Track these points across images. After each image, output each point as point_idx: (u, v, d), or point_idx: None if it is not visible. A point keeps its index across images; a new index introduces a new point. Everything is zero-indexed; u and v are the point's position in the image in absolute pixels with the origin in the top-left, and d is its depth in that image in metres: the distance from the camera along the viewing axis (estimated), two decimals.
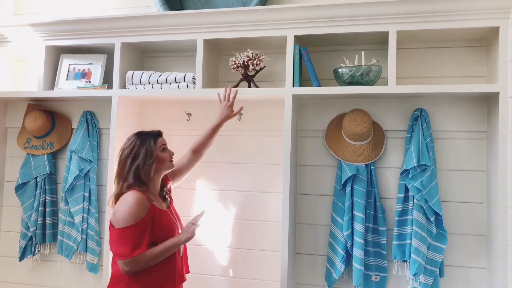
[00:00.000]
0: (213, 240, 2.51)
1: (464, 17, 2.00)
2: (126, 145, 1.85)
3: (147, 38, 2.38)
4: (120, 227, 1.70)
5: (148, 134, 1.88)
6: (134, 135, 1.88)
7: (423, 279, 2.07)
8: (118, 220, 1.71)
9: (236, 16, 2.22)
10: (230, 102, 2.12)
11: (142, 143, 1.83)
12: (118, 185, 1.82)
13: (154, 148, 1.83)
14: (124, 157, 1.82)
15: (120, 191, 1.80)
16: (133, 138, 1.86)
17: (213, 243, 2.50)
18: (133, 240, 1.69)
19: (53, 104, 2.73)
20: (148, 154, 1.81)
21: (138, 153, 1.81)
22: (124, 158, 1.82)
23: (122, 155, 1.83)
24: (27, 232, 2.63)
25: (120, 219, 1.70)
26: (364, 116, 2.18)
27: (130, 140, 1.85)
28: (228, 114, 2.11)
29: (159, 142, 1.87)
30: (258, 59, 2.26)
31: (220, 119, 2.10)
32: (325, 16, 2.12)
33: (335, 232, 2.24)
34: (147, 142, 1.83)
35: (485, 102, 2.16)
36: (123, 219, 1.70)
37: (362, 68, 2.11)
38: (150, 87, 2.37)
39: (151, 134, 1.88)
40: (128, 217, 1.69)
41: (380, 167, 2.28)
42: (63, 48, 2.60)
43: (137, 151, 1.81)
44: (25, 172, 2.67)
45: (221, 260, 2.49)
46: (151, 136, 1.87)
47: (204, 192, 2.53)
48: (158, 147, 1.85)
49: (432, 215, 2.07)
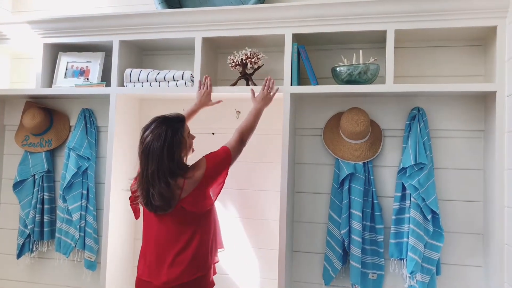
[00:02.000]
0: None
1: (461, 16, 2.00)
2: (156, 135, 1.71)
3: (146, 36, 2.38)
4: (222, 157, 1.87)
5: (175, 120, 1.79)
6: (161, 122, 1.75)
7: (419, 277, 2.08)
8: (218, 155, 1.87)
9: (234, 14, 2.22)
10: (208, 89, 2.24)
11: (174, 133, 1.74)
12: (159, 180, 1.70)
13: (184, 136, 1.81)
14: (158, 148, 1.70)
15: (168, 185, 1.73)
16: (163, 126, 1.73)
17: None
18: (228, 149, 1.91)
19: (51, 102, 2.73)
20: (186, 140, 1.81)
21: (174, 143, 1.73)
22: (159, 149, 1.70)
23: (152, 146, 1.70)
24: (25, 230, 2.63)
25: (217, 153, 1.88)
26: (361, 114, 2.18)
27: (160, 129, 1.72)
28: (205, 102, 2.25)
29: (187, 129, 1.85)
30: (256, 57, 2.26)
31: (197, 105, 2.23)
32: (323, 14, 2.13)
33: (332, 230, 2.25)
34: (179, 131, 1.77)
35: (482, 101, 2.17)
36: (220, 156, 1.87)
37: (360, 67, 2.11)
38: (148, 85, 2.37)
39: (179, 122, 1.80)
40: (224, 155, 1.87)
41: (378, 166, 2.28)
42: (61, 46, 2.60)
43: (172, 141, 1.73)
44: (23, 170, 2.67)
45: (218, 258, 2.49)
46: (182, 124, 1.81)
47: None
48: (187, 134, 1.84)
49: (429, 214, 2.08)
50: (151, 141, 1.71)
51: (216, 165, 1.83)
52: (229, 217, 2.50)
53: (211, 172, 1.80)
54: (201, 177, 1.77)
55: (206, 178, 1.78)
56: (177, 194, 1.74)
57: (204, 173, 1.78)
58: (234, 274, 2.47)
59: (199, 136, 2.52)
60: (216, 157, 1.85)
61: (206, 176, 1.78)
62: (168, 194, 1.71)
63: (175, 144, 1.74)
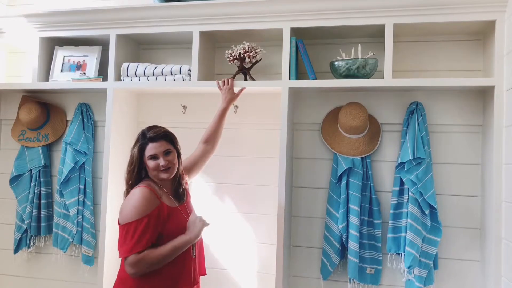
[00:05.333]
0: (208, 234, 2.51)
1: (460, 11, 2.00)
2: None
3: (143, 29, 2.37)
4: (124, 223, 1.64)
5: (143, 138, 1.77)
6: (140, 133, 1.80)
7: (417, 271, 2.09)
8: (123, 216, 1.66)
9: (232, 8, 2.21)
10: (230, 85, 2.17)
11: (134, 146, 1.78)
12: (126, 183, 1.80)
13: (139, 156, 1.75)
14: (130, 154, 1.80)
15: (126, 189, 1.79)
16: (137, 137, 1.81)
17: (208, 237, 2.50)
18: (137, 235, 1.60)
19: (48, 96, 2.72)
20: (134, 160, 1.75)
21: (132, 154, 1.77)
22: (130, 155, 1.79)
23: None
24: (22, 225, 2.62)
25: (125, 214, 1.66)
26: (360, 109, 2.18)
27: (136, 138, 1.81)
28: (231, 97, 2.17)
29: (147, 151, 1.74)
30: (255, 51, 2.25)
31: (225, 102, 2.15)
32: (321, 8, 2.12)
33: (330, 225, 2.25)
34: (135, 148, 1.77)
35: (480, 96, 2.17)
36: (128, 214, 1.65)
37: (359, 61, 2.11)
38: (146, 79, 2.36)
39: (144, 139, 1.76)
40: (133, 212, 1.64)
41: (376, 160, 2.28)
42: (57, 40, 2.58)
43: (132, 153, 1.78)
44: (20, 165, 2.65)
45: (216, 253, 2.49)
46: (143, 142, 1.76)
47: (200, 185, 2.53)
48: (146, 156, 1.74)
49: (427, 208, 2.08)
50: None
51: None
52: (227, 212, 2.50)
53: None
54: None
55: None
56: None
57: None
58: (232, 269, 2.47)
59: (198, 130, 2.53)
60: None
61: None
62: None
63: (134, 158, 1.77)
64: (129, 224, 1.63)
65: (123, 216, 1.67)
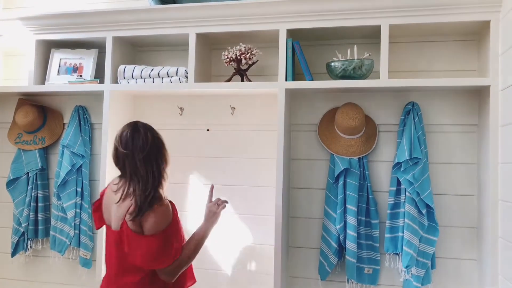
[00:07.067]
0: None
1: (455, 11, 2.01)
2: (143, 140, 1.62)
3: (139, 32, 2.37)
4: (158, 231, 1.57)
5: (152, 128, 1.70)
6: (147, 128, 1.68)
7: (415, 271, 2.09)
8: (155, 225, 1.57)
9: (228, 10, 2.21)
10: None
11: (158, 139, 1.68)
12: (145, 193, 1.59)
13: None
14: (146, 153, 1.61)
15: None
16: (148, 133, 1.66)
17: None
18: (175, 239, 1.60)
19: (44, 99, 2.71)
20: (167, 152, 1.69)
21: (157, 152, 1.65)
22: (145, 157, 1.61)
23: (144, 150, 1.61)
24: (19, 228, 2.61)
25: (156, 223, 1.57)
26: (356, 110, 2.18)
27: (147, 135, 1.65)
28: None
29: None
30: (251, 53, 2.25)
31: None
32: (317, 10, 2.12)
33: (328, 225, 2.25)
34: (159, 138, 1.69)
35: (476, 96, 2.18)
36: (163, 221, 1.59)
37: (355, 62, 2.11)
38: (142, 81, 2.36)
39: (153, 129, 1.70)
40: (164, 219, 1.60)
41: (373, 161, 2.29)
42: (54, 42, 2.57)
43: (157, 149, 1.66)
44: (17, 168, 2.65)
45: (215, 254, 2.49)
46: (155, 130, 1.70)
47: (197, 187, 2.53)
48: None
49: (424, 208, 2.09)
50: (144, 144, 1.67)
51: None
52: (225, 213, 2.49)
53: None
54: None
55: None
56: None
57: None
58: (230, 270, 2.47)
59: (195, 132, 2.53)
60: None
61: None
62: None
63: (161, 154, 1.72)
64: (163, 232, 1.58)
65: (152, 226, 1.58)
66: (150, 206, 1.56)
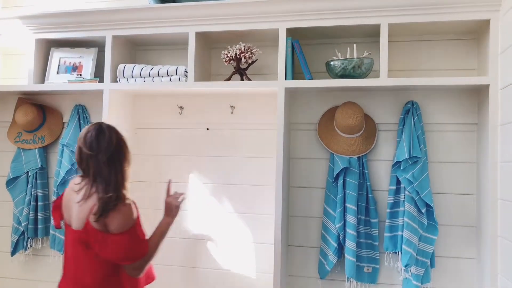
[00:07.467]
0: (206, 234, 2.51)
1: (455, 10, 2.01)
2: (108, 141, 1.64)
3: (139, 31, 2.37)
4: (125, 229, 1.60)
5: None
6: (111, 129, 1.69)
7: (414, 270, 2.09)
8: (121, 224, 1.60)
9: (228, 8, 2.21)
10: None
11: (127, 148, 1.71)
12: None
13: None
14: (110, 155, 1.63)
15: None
16: (113, 134, 1.68)
17: (206, 237, 2.51)
18: (141, 235, 1.65)
19: (44, 98, 2.71)
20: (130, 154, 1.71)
21: (120, 153, 1.67)
22: (109, 159, 1.63)
23: (108, 151, 1.63)
24: (18, 227, 2.61)
25: (122, 221, 1.60)
26: (356, 109, 2.18)
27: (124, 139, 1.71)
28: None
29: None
30: (251, 52, 2.25)
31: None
32: (317, 8, 2.12)
33: (327, 224, 2.25)
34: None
35: (475, 95, 2.18)
36: (128, 220, 1.61)
37: (354, 61, 2.11)
38: (142, 80, 2.36)
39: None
40: (130, 217, 1.62)
41: (372, 160, 2.29)
42: (53, 41, 2.57)
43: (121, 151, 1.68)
44: (16, 167, 2.65)
45: (214, 253, 2.49)
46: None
47: (197, 186, 2.53)
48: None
49: (423, 207, 2.09)
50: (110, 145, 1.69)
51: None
52: (225, 212, 2.50)
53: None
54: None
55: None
56: None
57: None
58: (230, 269, 2.47)
59: (194, 131, 2.53)
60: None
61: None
62: None
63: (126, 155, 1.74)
64: (133, 228, 1.62)
65: (121, 224, 1.61)
66: (114, 206, 1.59)
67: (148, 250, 1.67)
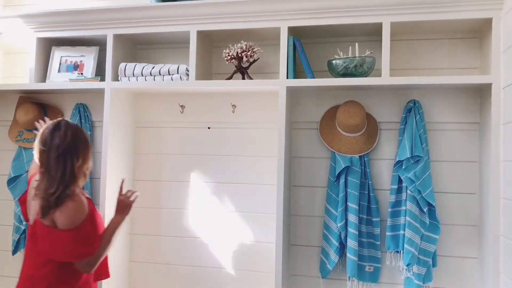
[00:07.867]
0: (207, 233, 2.51)
1: (457, 9, 2.00)
2: (61, 138, 1.63)
3: (140, 29, 2.36)
4: (73, 226, 1.60)
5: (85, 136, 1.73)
6: (69, 126, 1.68)
7: (416, 269, 2.09)
8: (68, 220, 1.60)
9: (229, 7, 2.21)
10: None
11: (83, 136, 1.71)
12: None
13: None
14: (61, 152, 1.62)
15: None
16: (68, 131, 1.66)
17: (207, 236, 2.51)
18: (91, 233, 1.65)
19: (45, 97, 2.71)
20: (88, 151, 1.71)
21: (73, 150, 1.65)
22: (59, 155, 1.61)
23: (59, 148, 1.61)
24: (20, 226, 2.61)
25: (68, 218, 1.60)
26: (358, 107, 2.18)
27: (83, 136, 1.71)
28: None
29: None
30: (252, 50, 2.25)
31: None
32: (319, 7, 2.12)
33: (329, 223, 2.25)
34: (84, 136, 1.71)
35: (477, 94, 2.18)
36: (76, 216, 1.62)
37: (356, 60, 2.11)
38: (143, 79, 2.35)
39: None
40: (78, 214, 1.62)
41: (374, 159, 2.29)
42: (54, 40, 2.57)
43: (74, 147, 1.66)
44: (17, 166, 2.64)
45: (216, 252, 2.49)
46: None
47: (198, 185, 2.53)
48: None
49: (425, 206, 2.08)
50: (61, 142, 1.69)
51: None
52: (226, 211, 2.50)
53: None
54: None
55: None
56: None
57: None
58: (231, 268, 2.47)
59: (196, 130, 2.53)
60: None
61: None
62: None
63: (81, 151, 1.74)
64: (81, 225, 1.62)
65: (68, 221, 1.61)
66: (60, 203, 1.58)
67: (97, 248, 1.67)
